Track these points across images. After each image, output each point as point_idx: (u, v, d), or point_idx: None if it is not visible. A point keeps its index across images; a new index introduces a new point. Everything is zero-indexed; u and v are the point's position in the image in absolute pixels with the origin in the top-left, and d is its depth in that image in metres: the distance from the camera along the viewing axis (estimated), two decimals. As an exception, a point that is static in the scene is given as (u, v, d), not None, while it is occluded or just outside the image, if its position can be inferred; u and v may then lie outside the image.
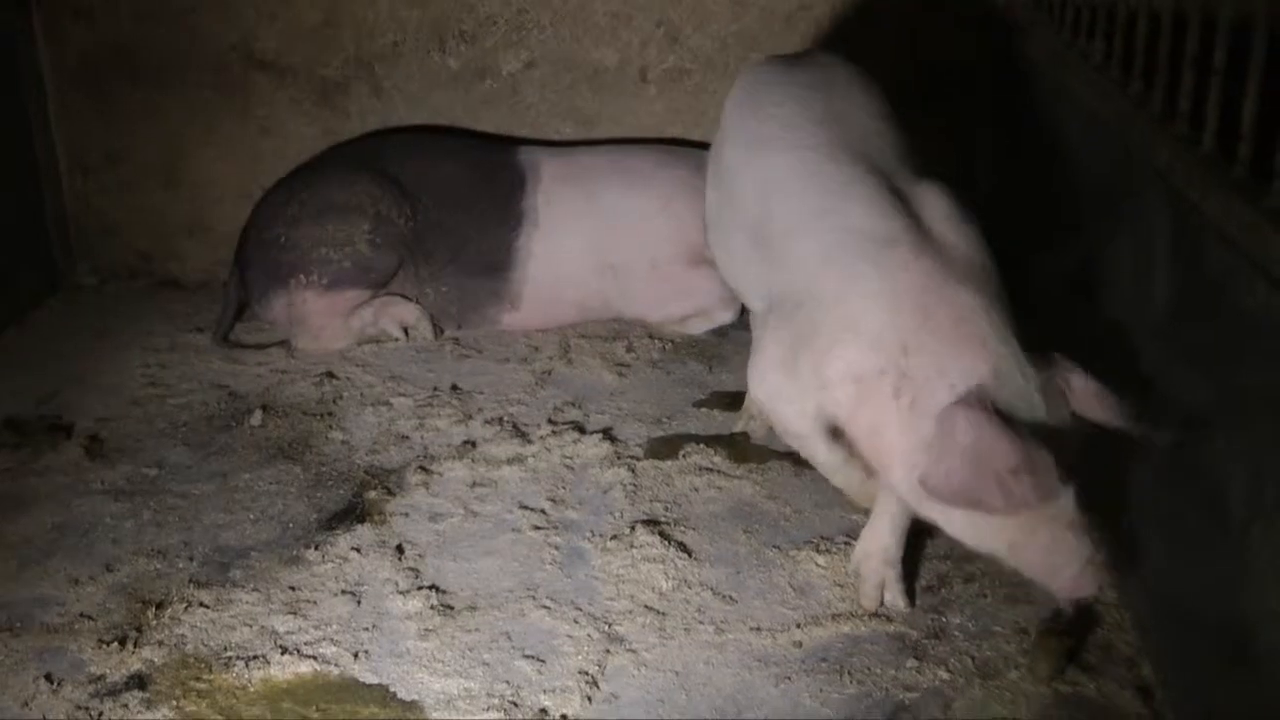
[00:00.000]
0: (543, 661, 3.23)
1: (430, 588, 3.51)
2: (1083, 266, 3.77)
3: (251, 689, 3.16)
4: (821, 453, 3.33)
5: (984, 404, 2.84)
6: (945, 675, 3.15)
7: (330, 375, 4.76)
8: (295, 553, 3.69)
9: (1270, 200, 2.44)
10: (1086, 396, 2.94)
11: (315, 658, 3.25)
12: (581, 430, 4.31)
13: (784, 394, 3.32)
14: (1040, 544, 2.91)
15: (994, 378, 2.91)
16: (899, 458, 3.00)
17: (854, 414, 3.12)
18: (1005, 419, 2.80)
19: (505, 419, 4.40)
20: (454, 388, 4.66)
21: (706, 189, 4.04)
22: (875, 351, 3.04)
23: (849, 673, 3.17)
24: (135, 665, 3.23)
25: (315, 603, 3.47)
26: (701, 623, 3.36)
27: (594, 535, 3.74)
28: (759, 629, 3.34)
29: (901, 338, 3.02)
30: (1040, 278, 4.29)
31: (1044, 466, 2.77)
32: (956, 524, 3.01)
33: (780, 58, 4.04)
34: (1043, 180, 4.34)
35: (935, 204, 3.27)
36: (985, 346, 2.96)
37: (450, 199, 5.01)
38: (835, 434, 3.24)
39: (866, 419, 3.09)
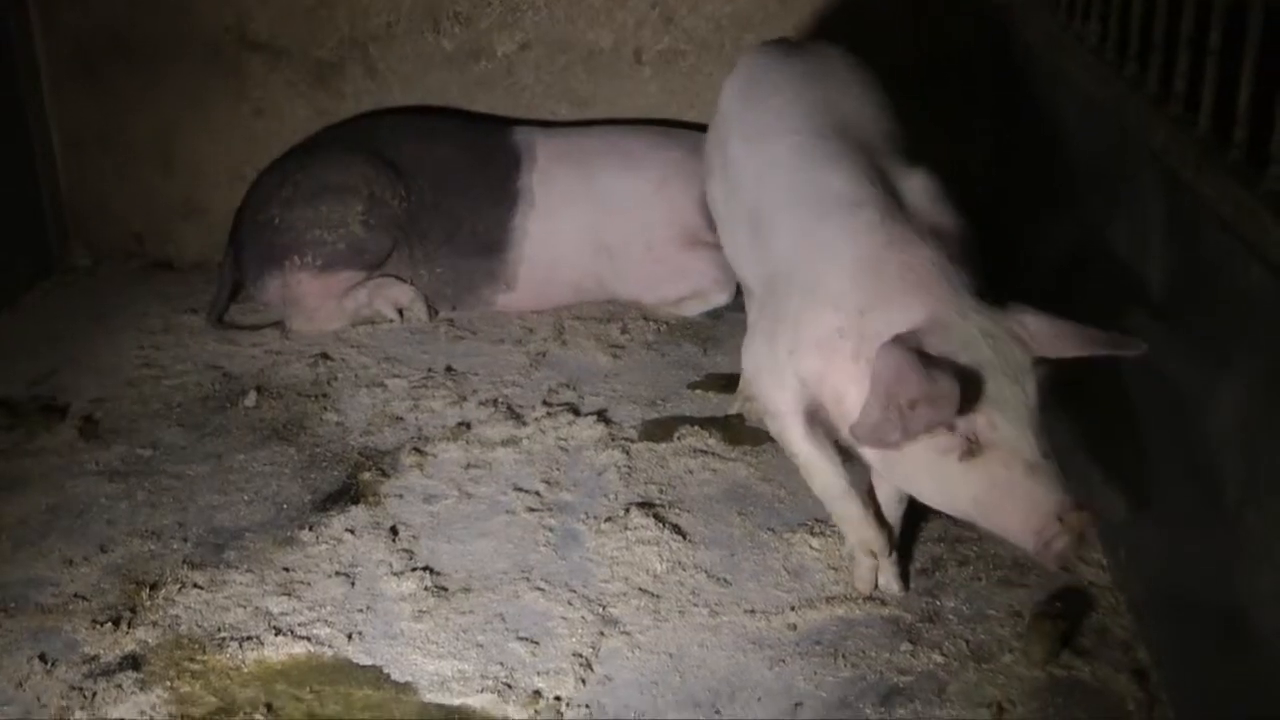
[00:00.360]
0: (537, 643, 3.23)
1: (424, 569, 3.52)
2: (1079, 248, 3.77)
3: (245, 670, 3.16)
4: (797, 439, 3.34)
5: (906, 344, 2.84)
6: (939, 659, 3.15)
7: (325, 356, 4.76)
8: (289, 534, 3.69)
9: (1266, 184, 2.44)
10: (1046, 336, 2.91)
11: (309, 639, 3.25)
12: (576, 412, 4.31)
13: (766, 368, 3.34)
14: (1000, 493, 2.86)
15: (930, 323, 2.92)
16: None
17: (821, 381, 3.16)
18: (930, 359, 2.81)
19: (500, 400, 4.40)
20: (448, 369, 4.66)
21: (707, 180, 4.05)
22: (835, 313, 3.08)
23: (843, 656, 3.17)
24: (129, 646, 3.24)
25: (309, 584, 3.47)
26: (696, 605, 3.36)
27: (588, 517, 3.74)
28: (753, 611, 3.34)
29: (859, 299, 3.06)
30: (1036, 259, 4.29)
31: (943, 398, 2.76)
32: (922, 486, 3.02)
33: (777, 45, 4.05)
34: (1040, 163, 4.33)
35: (915, 183, 3.31)
36: (925, 295, 2.98)
37: (445, 180, 5.01)
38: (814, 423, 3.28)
39: (831, 385, 3.13)
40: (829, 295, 3.12)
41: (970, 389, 2.81)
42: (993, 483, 2.85)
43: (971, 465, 2.86)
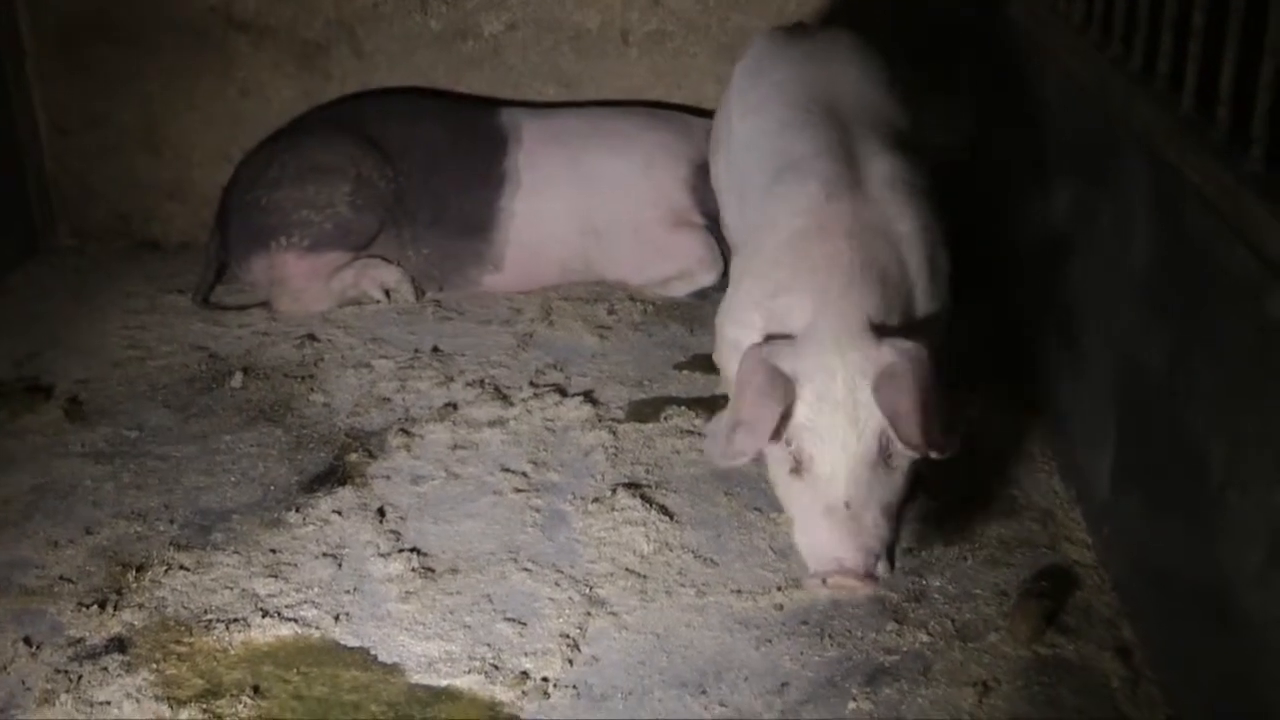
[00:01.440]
0: (524, 624, 3.23)
1: (411, 550, 3.52)
2: (1063, 227, 3.77)
3: (232, 652, 3.16)
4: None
5: (765, 356, 2.94)
6: (925, 638, 3.16)
7: (311, 337, 4.75)
8: (276, 515, 3.69)
9: (1249, 165, 2.44)
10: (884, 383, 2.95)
11: (296, 620, 3.26)
12: (563, 393, 4.31)
13: (717, 329, 3.36)
14: (800, 519, 2.99)
15: (806, 333, 2.99)
16: None
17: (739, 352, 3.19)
18: (774, 373, 2.88)
19: (486, 381, 4.40)
20: (435, 350, 4.66)
21: (712, 159, 4.07)
22: (757, 285, 3.13)
23: (829, 635, 3.18)
24: (115, 628, 3.24)
25: (296, 565, 3.47)
26: (683, 585, 3.37)
27: (575, 498, 3.75)
28: (740, 591, 3.34)
29: (776, 280, 3.09)
30: (1021, 238, 4.29)
31: (753, 429, 2.90)
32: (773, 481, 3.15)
33: (790, 28, 4.09)
34: (1025, 142, 4.33)
35: (881, 167, 3.32)
36: (821, 300, 3.03)
37: (432, 160, 5.00)
38: None
39: None
40: (757, 266, 3.19)
41: (806, 416, 2.92)
42: (798, 507, 2.99)
43: (794, 482, 2.98)
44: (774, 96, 3.65)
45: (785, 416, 2.94)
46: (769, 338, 3.06)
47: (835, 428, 2.91)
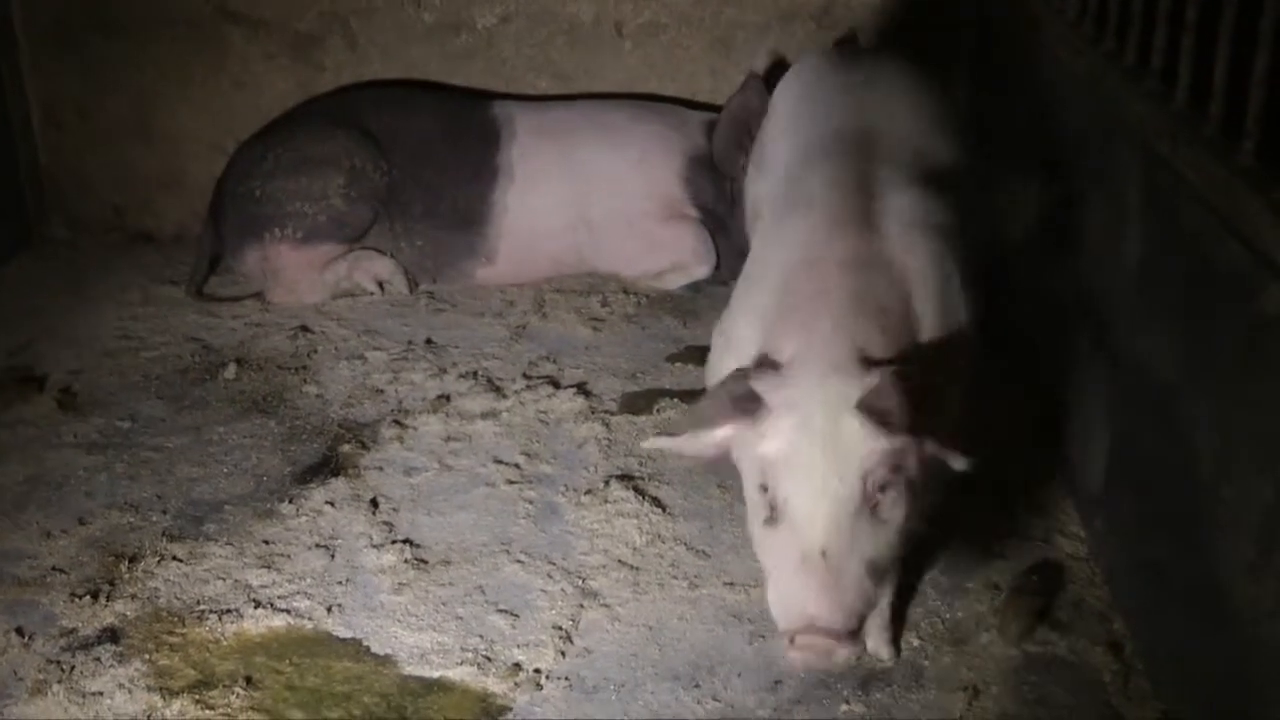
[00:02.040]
0: (516, 616, 3.24)
1: (404, 542, 3.52)
2: (1057, 221, 3.78)
3: (224, 643, 3.16)
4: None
5: (743, 373, 2.70)
6: (916, 642, 3.16)
7: (304, 329, 4.75)
8: (269, 506, 3.69)
9: (1241, 159, 2.44)
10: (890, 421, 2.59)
11: (289, 611, 3.26)
12: (556, 385, 4.31)
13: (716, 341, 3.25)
14: (773, 572, 2.64)
15: (789, 364, 2.70)
16: None
17: None
18: (749, 391, 2.64)
19: (480, 373, 4.40)
20: (429, 342, 4.66)
21: (753, 183, 3.92)
22: (751, 322, 2.92)
23: (822, 635, 3.16)
24: (108, 619, 3.24)
25: (289, 556, 3.47)
26: (675, 578, 3.37)
27: (568, 490, 3.75)
28: (733, 584, 3.35)
29: (772, 308, 2.86)
30: (1015, 231, 4.29)
31: (703, 429, 2.68)
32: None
33: (837, 50, 4.01)
34: (1018, 136, 4.33)
35: (900, 202, 3.03)
36: (805, 337, 2.74)
37: (425, 153, 5.00)
38: None
39: None
40: (755, 296, 2.98)
41: (782, 451, 2.61)
42: (771, 557, 2.65)
43: (769, 531, 2.64)
44: (810, 121, 3.51)
45: (764, 471, 2.66)
46: (758, 363, 2.77)
47: (813, 465, 2.57)
